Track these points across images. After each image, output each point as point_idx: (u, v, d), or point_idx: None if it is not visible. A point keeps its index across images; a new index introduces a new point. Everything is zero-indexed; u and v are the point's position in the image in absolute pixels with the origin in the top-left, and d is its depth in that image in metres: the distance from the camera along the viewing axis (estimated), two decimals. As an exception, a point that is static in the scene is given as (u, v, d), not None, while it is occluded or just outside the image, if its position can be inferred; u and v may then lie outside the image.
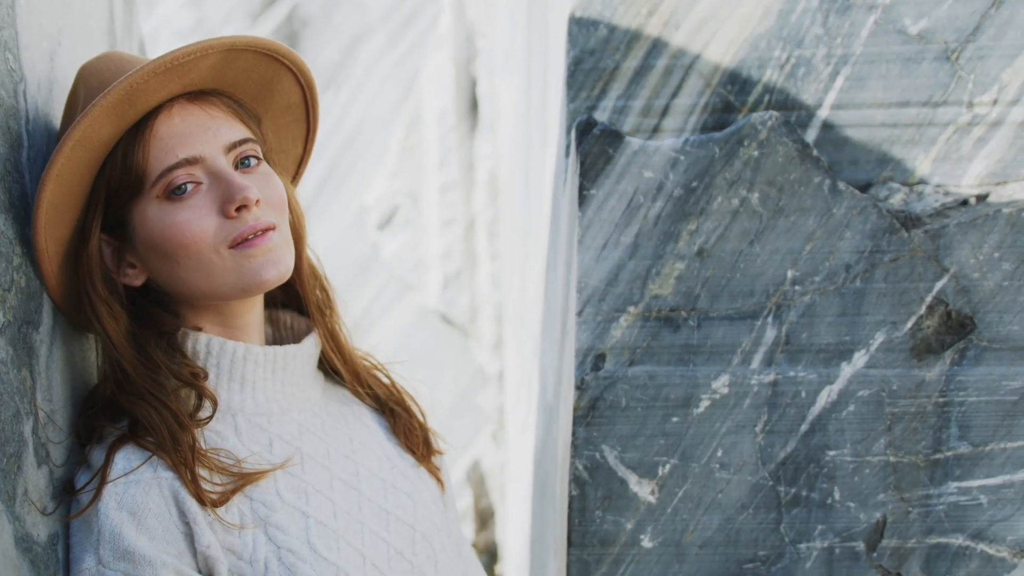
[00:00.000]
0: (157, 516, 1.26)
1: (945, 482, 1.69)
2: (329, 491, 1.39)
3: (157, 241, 1.32)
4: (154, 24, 5.17)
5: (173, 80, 1.31)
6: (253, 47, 1.36)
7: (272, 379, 1.40)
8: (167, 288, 1.36)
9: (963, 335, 1.70)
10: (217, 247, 1.31)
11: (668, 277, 1.71)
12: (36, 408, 1.27)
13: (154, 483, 1.28)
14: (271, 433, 1.39)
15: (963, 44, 1.75)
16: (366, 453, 1.48)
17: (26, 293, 1.27)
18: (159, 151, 1.31)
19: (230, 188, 1.30)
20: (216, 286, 1.33)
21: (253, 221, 1.31)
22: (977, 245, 1.70)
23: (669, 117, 1.79)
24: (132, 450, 1.30)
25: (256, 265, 1.32)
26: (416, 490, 1.50)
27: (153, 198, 1.31)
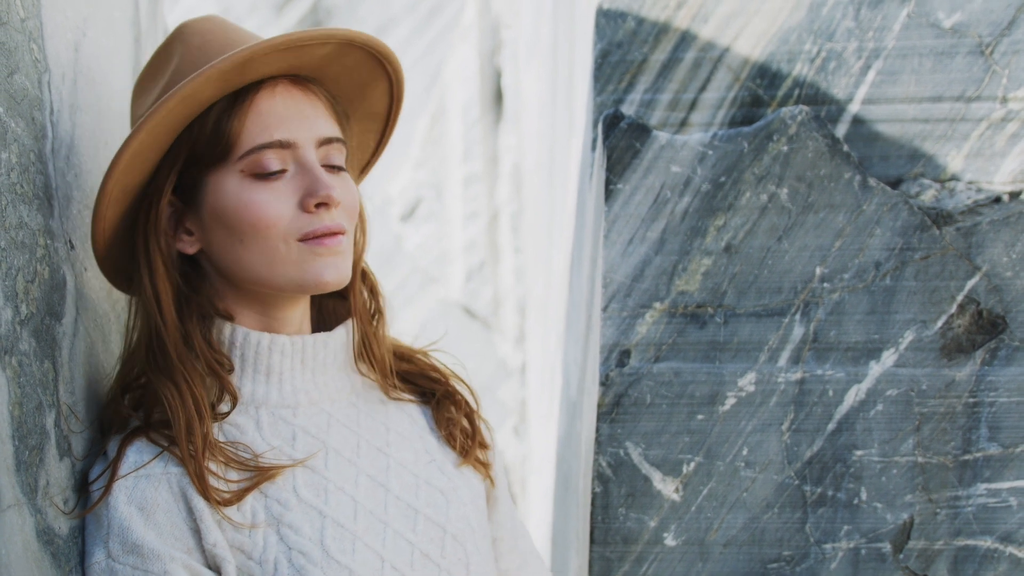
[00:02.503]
0: (166, 512, 1.25)
1: (974, 483, 1.67)
2: (353, 488, 1.33)
3: (228, 215, 1.28)
4: (179, 14, 5.18)
5: (287, 59, 1.29)
6: (368, 46, 1.34)
7: (301, 369, 1.35)
8: (220, 264, 1.32)
9: (994, 335, 1.67)
10: (287, 237, 1.28)
11: (695, 273, 1.70)
12: (59, 400, 1.26)
13: (163, 479, 1.26)
14: (295, 426, 1.34)
15: (997, 38, 1.72)
16: (402, 445, 1.40)
17: (50, 285, 1.27)
18: (255, 126, 1.28)
19: (316, 183, 1.28)
20: (274, 275, 1.29)
21: (329, 221, 1.29)
22: (1010, 243, 1.67)
23: (697, 111, 1.77)
24: (144, 444, 1.28)
25: (320, 265, 1.29)
26: (453, 487, 1.41)
27: (236, 171, 1.28)
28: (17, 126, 1.22)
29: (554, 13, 2.97)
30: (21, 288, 1.19)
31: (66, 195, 1.35)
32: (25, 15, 1.26)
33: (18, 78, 1.23)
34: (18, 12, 1.25)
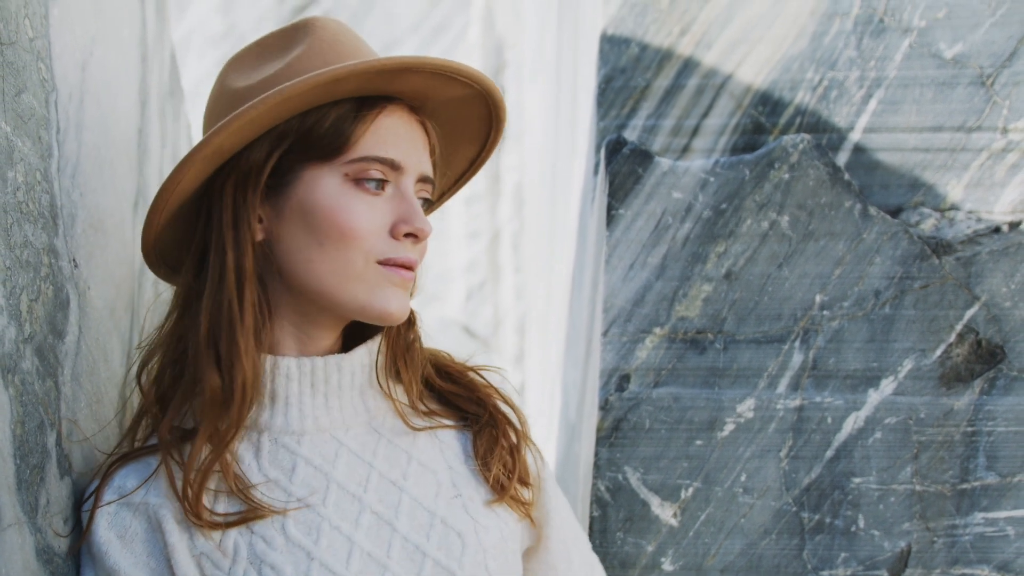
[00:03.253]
0: (144, 541, 1.21)
1: (971, 512, 1.67)
2: (351, 528, 1.22)
3: (317, 213, 1.22)
4: (185, 30, 5.20)
5: (423, 84, 1.26)
6: (493, 101, 1.30)
7: (311, 393, 1.26)
8: (284, 261, 1.24)
9: (993, 364, 1.68)
10: (368, 254, 1.22)
11: (695, 299, 1.70)
12: (60, 419, 1.26)
13: (142, 509, 1.22)
14: (298, 456, 1.25)
15: (998, 69, 1.73)
16: (422, 478, 1.27)
17: (53, 303, 1.27)
18: (375, 137, 1.24)
19: (412, 212, 1.23)
20: (341, 289, 1.22)
21: (411, 253, 1.24)
22: (1009, 274, 1.68)
23: (699, 137, 1.78)
24: (132, 468, 1.24)
25: (390, 293, 1.23)
26: (474, 528, 1.26)
27: (339, 172, 1.23)
28: (24, 145, 1.23)
29: (558, 35, 2.99)
30: (25, 307, 1.20)
31: (71, 214, 1.36)
32: (34, 35, 1.27)
33: (26, 97, 1.24)
34: (27, 32, 1.26)
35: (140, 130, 1.66)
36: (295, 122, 1.23)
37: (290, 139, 1.23)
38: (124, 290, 1.52)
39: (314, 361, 1.26)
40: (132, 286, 1.56)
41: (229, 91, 1.29)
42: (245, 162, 1.23)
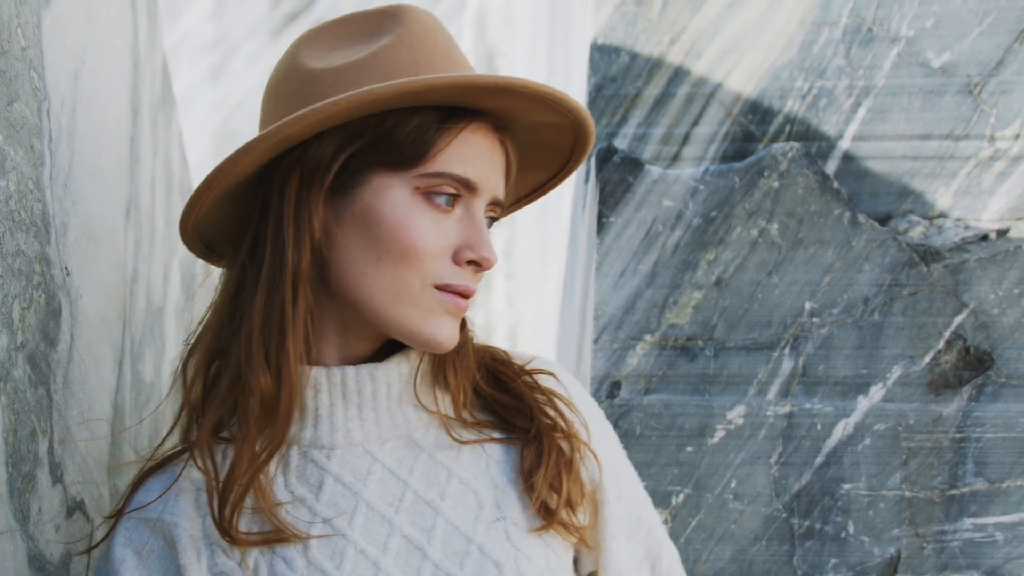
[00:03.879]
0: (160, 558, 1.15)
1: (961, 518, 1.68)
2: (379, 552, 1.12)
3: (382, 224, 1.11)
4: (176, 38, 5.20)
5: (517, 105, 1.16)
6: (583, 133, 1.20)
7: (343, 405, 1.16)
8: (336, 269, 1.14)
9: (981, 371, 1.69)
10: (427, 277, 1.12)
11: (685, 306, 1.71)
12: (52, 427, 1.27)
13: (158, 526, 1.16)
14: (326, 473, 1.15)
15: (986, 78, 1.75)
16: (461, 499, 1.15)
17: (45, 312, 1.28)
18: (456, 153, 1.13)
19: (481, 240, 1.13)
20: (392, 309, 1.12)
21: (471, 282, 1.14)
22: (997, 281, 1.69)
23: (689, 145, 1.78)
24: (156, 479, 1.18)
25: (441, 322, 1.12)
26: (515, 558, 1.12)
27: (411, 184, 1.12)
28: (16, 154, 1.23)
29: (550, 44, 3.00)
30: (17, 315, 1.20)
31: (63, 222, 1.36)
32: (26, 44, 1.28)
33: (18, 106, 1.25)
34: (19, 41, 1.26)
35: (132, 138, 1.66)
36: (371, 122, 1.12)
37: (363, 139, 1.12)
38: (116, 298, 1.52)
39: (344, 371, 1.16)
40: (124, 294, 1.56)
41: (303, 70, 1.16)
42: (312, 156, 1.12)
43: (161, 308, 1.82)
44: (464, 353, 1.20)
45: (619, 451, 1.26)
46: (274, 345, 1.11)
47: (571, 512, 1.16)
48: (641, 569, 1.22)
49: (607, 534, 1.20)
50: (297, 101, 1.13)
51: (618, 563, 1.20)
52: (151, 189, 1.75)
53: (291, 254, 1.11)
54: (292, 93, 1.16)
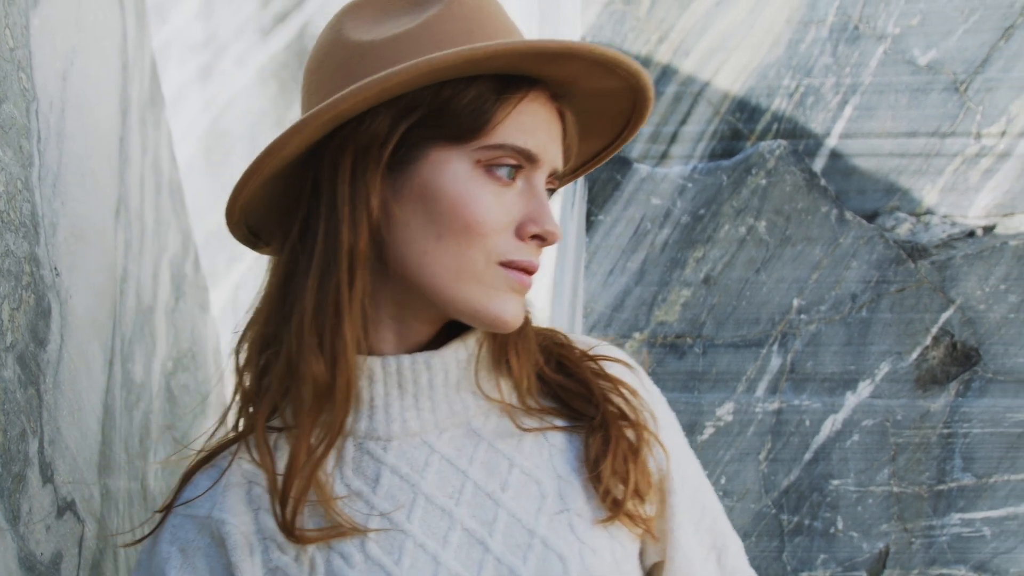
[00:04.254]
0: (206, 557, 1.10)
1: (948, 513, 1.69)
2: (439, 546, 1.07)
3: (442, 199, 1.06)
4: (165, 38, 5.20)
5: (576, 72, 1.10)
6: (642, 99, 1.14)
7: (399, 394, 1.11)
8: (394, 249, 1.08)
9: (968, 366, 1.70)
10: (490, 253, 1.06)
11: (674, 304, 1.72)
12: (42, 427, 1.27)
13: (205, 523, 1.10)
14: (383, 465, 1.10)
15: (972, 75, 1.75)
16: (524, 490, 1.10)
17: (35, 312, 1.28)
18: (516, 124, 1.07)
19: (542, 212, 1.08)
20: (454, 287, 1.07)
21: (534, 258, 1.08)
22: (983, 277, 1.70)
23: (677, 144, 1.79)
24: (204, 474, 1.13)
25: (507, 299, 1.07)
26: (580, 551, 1.08)
27: (471, 157, 1.07)
28: (4, 155, 1.23)
29: (538, 42, 3.00)
30: (6, 315, 1.20)
31: (52, 222, 1.36)
32: (14, 45, 1.28)
33: (6, 107, 1.25)
34: (7, 42, 1.26)
35: (121, 138, 1.66)
36: (426, 95, 1.06)
37: (420, 112, 1.06)
38: (106, 298, 1.53)
39: (400, 361, 1.10)
40: (114, 294, 1.57)
41: (349, 44, 1.10)
42: (366, 132, 1.06)
43: (151, 308, 1.82)
44: (526, 336, 1.14)
45: (682, 439, 1.21)
46: (328, 330, 1.06)
47: (638, 503, 1.11)
48: (708, 560, 1.19)
49: (674, 524, 1.15)
50: (345, 76, 1.08)
51: (685, 553, 1.16)
52: (140, 189, 1.75)
53: (347, 234, 1.05)
54: (339, 68, 1.10)
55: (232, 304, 5.02)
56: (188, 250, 2.14)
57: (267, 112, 5.21)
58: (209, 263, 4.80)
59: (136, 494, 1.65)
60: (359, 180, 1.06)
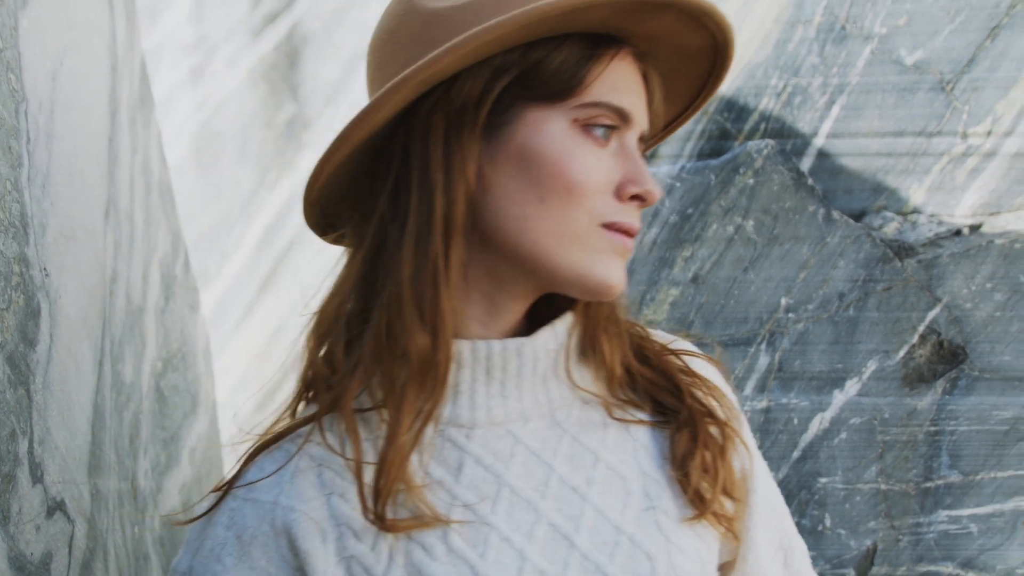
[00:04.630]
0: (263, 547, 1.03)
1: (936, 510, 1.70)
2: (524, 540, 1.02)
3: (543, 161, 1.01)
4: (156, 40, 5.20)
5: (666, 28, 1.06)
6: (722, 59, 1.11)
7: (485, 381, 1.05)
8: (492, 215, 1.03)
9: (955, 364, 1.71)
10: (592, 214, 1.02)
11: (663, 303, 1.72)
12: (32, 427, 1.27)
13: (268, 510, 1.03)
14: (466, 453, 1.05)
15: (958, 75, 1.76)
16: (609, 485, 1.06)
17: (24, 312, 1.28)
18: (609, 82, 1.04)
19: (640, 171, 1.03)
20: (557, 251, 1.02)
21: (634, 220, 1.04)
22: (970, 275, 1.70)
23: (665, 143, 1.80)
24: (269, 457, 1.06)
25: (611, 263, 1.02)
26: (667, 550, 1.04)
27: (567, 116, 1.03)
28: (-6, 155, 1.24)
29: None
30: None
31: (42, 223, 1.36)
32: (3, 45, 1.28)
33: (-4, 108, 1.25)
34: (-4, 43, 1.27)
35: (111, 139, 1.67)
36: (516, 54, 1.02)
37: (512, 73, 1.02)
38: (96, 299, 1.53)
39: (491, 346, 1.05)
40: (103, 295, 1.57)
41: (424, 12, 1.06)
42: (456, 95, 1.02)
43: (141, 308, 1.82)
44: (616, 321, 1.10)
45: (752, 438, 1.19)
46: (427, 302, 1.00)
47: (724, 502, 1.08)
48: (775, 560, 1.16)
49: (751, 523, 1.13)
50: (423, 44, 1.04)
51: (758, 553, 1.13)
52: (130, 190, 1.76)
53: (441, 201, 1.01)
54: (416, 36, 1.06)
55: (223, 305, 5.02)
56: (178, 251, 2.14)
57: (258, 113, 5.21)
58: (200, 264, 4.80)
59: (126, 494, 1.66)
60: (453, 144, 1.02)
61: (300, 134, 5.28)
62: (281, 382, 3.47)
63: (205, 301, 4.10)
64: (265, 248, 5.17)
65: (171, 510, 1.94)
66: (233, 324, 5.05)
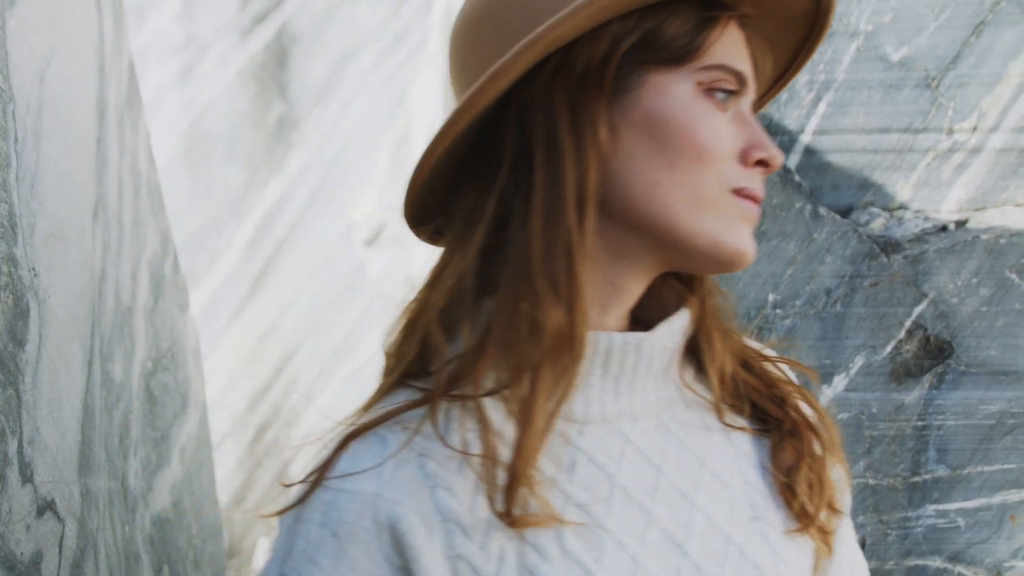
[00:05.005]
0: (363, 543, 0.94)
1: (923, 505, 1.71)
2: (638, 546, 0.97)
3: (672, 126, 0.97)
4: (144, 40, 5.19)
5: None
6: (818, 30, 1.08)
7: (601, 376, 1.00)
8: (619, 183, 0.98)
9: (941, 359, 1.71)
10: (721, 179, 0.98)
11: (651, 300, 1.73)
12: (22, 427, 1.27)
13: (369, 502, 0.94)
14: (578, 451, 0.99)
15: (943, 72, 1.77)
16: (716, 492, 1.01)
17: (13, 312, 1.28)
18: (725, 47, 1.00)
19: (764, 138, 1.00)
20: (692, 218, 0.97)
21: (759, 187, 1.00)
22: (956, 271, 1.71)
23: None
24: (365, 444, 0.96)
25: (743, 231, 0.98)
26: (775, 562, 1.00)
27: (691, 80, 0.99)
28: (-18, 156, 1.24)
29: (516, 42, 3.01)
30: (-15, 316, 1.20)
31: (30, 223, 1.36)
32: (-9, 46, 1.28)
33: (-17, 109, 1.25)
34: (-16, 44, 1.27)
35: (99, 140, 1.67)
36: (632, 20, 0.98)
37: (631, 37, 0.98)
38: (85, 299, 1.53)
39: (611, 338, 0.99)
40: (93, 294, 1.57)
41: None
42: (577, 60, 0.98)
43: (130, 308, 1.82)
44: (724, 320, 1.06)
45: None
46: (561, 275, 0.94)
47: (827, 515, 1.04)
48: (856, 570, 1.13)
49: (837, 537, 1.08)
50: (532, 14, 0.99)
51: (837, 568, 1.09)
52: (119, 190, 1.76)
53: (572, 171, 0.96)
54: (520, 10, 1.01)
55: (213, 305, 5.01)
56: (167, 251, 2.14)
57: (247, 113, 5.21)
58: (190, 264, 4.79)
59: (116, 493, 1.66)
60: (580, 110, 0.97)
61: (289, 134, 5.28)
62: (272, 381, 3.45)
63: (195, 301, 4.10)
64: (255, 248, 5.17)
65: (161, 509, 1.94)
66: (223, 324, 5.05)
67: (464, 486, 0.93)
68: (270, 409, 5.15)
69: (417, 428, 0.95)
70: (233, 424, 5.06)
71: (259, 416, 5.12)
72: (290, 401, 5.02)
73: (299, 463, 1.05)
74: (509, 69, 0.95)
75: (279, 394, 5.15)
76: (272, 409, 5.18)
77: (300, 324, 5.13)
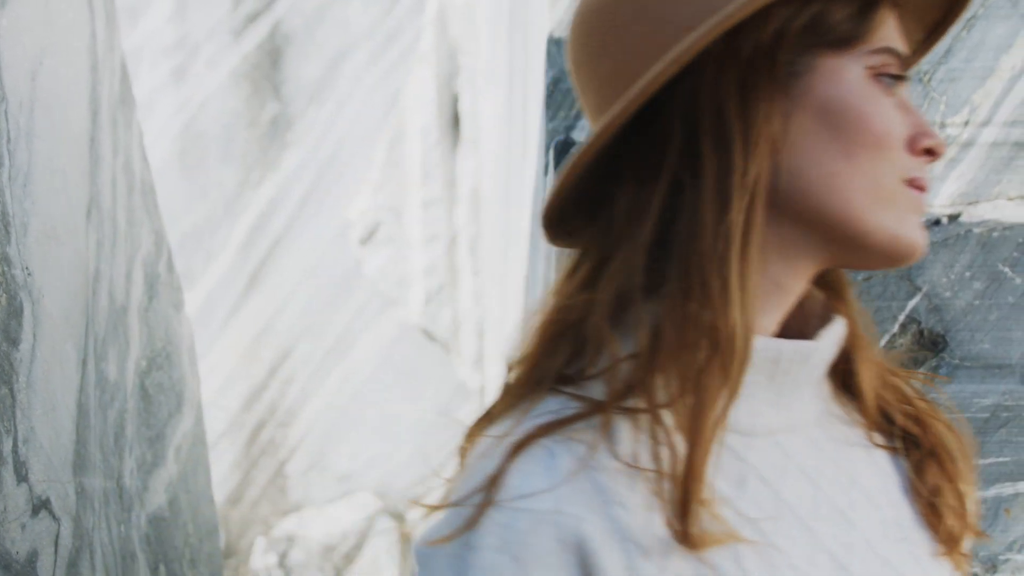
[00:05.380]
0: (546, 567, 0.86)
1: (918, 498, 1.72)
2: (809, 568, 0.92)
3: (846, 110, 0.93)
4: (137, 40, 5.18)
5: None
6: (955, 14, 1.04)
7: (766, 386, 0.94)
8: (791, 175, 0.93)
9: (935, 353, 1.72)
10: (896, 167, 0.93)
11: (645, 295, 1.73)
12: (16, 426, 1.27)
13: (551, 520, 0.87)
14: (746, 465, 0.93)
15: (935, 66, 1.78)
16: (867, 512, 0.97)
17: (7, 311, 1.28)
18: (887, 30, 0.96)
19: (927, 125, 0.96)
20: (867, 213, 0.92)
21: (928, 177, 0.96)
22: (949, 264, 1.72)
23: (646, 137, 1.81)
24: (534, 459, 0.88)
25: (915, 222, 0.93)
26: None
27: (860, 64, 0.94)
28: (-25, 155, 1.24)
29: (509, 40, 3.02)
30: (-21, 315, 1.21)
31: (23, 222, 1.37)
32: (-17, 46, 1.28)
33: (-24, 108, 1.25)
34: (-24, 43, 1.27)
35: (92, 139, 1.67)
36: (796, 2, 0.94)
37: (799, 19, 0.94)
38: (79, 297, 1.53)
39: (780, 345, 0.93)
40: (86, 293, 1.57)
41: None
42: (742, 46, 0.93)
43: (124, 307, 1.82)
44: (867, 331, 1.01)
45: None
46: (734, 273, 0.89)
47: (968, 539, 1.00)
48: None
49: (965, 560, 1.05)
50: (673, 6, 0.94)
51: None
52: (112, 189, 1.76)
53: (740, 161, 0.91)
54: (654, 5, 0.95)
55: (209, 304, 5.01)
56: (161, 250, 2.14)
57: (241, 113, 5.21)
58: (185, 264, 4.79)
59: (111, 493, 1.66)
60: (751, 97, 0.92)
61: (283, 133, 5.27)
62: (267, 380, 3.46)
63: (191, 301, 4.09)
64: (250, 247, 5.16)
65: (157, 508, 1.94)
66: (219, 323, 5.05)
67: (637, 502, 0.87)
68: (266, 408, 5.16)
69: (593, 442, 0.88)
70: (229, 423, 5.06)
71: (255, 415, 5.12)
72: (286, 400, 5.02)
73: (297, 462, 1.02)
74: (684, 55, 0.89)
75: (275, 393, 5.15)
76: (268, 408, 5.18)
77: (295, 323, 5.13)
